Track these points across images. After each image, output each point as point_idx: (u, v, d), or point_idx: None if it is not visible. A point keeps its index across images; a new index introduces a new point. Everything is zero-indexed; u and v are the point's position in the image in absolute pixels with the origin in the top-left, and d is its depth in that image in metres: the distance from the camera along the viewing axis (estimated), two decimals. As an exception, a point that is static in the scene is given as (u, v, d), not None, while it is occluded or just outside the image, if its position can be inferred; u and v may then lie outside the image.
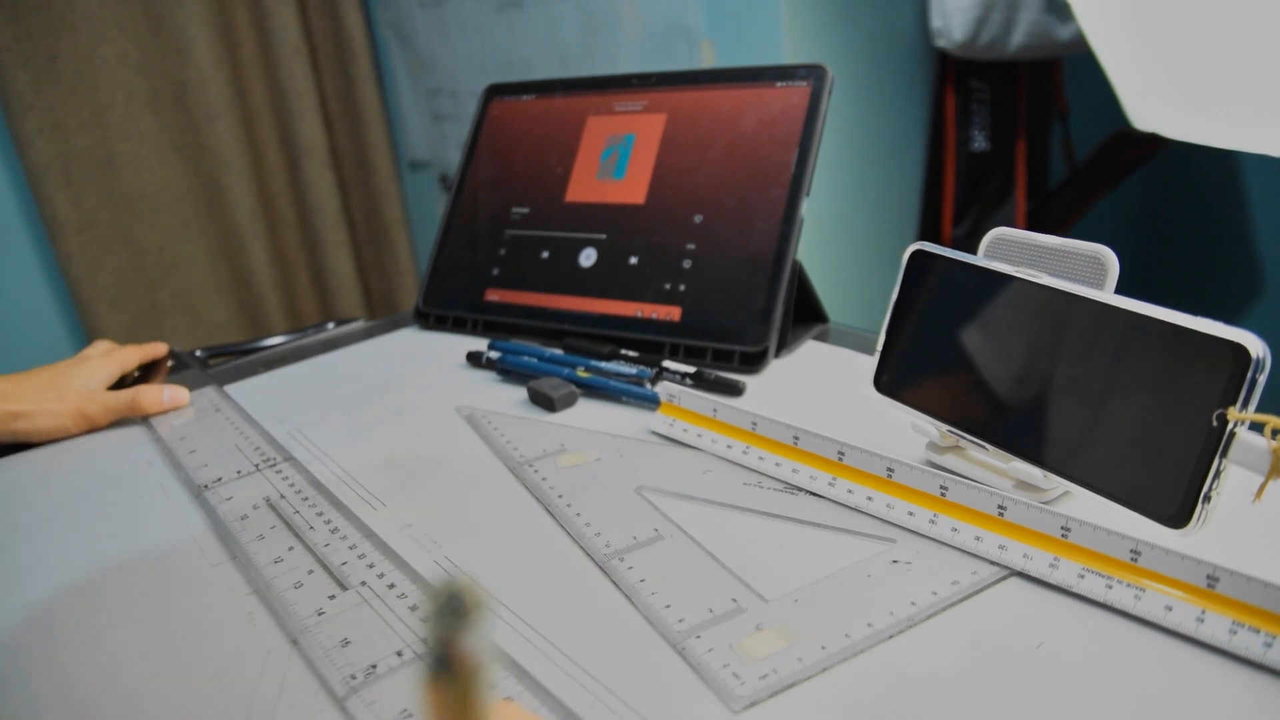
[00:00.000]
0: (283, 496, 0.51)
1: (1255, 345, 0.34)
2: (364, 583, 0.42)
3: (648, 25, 1.28)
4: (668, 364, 0.64)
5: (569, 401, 0.60)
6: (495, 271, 0.78)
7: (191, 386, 0.67)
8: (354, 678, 0.36)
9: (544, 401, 0.60)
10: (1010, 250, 0.44)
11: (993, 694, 0.33)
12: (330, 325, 0.84)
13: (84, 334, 1.62)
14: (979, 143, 1.35)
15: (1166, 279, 1.59)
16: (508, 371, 0.66)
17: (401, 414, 0.62)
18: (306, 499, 0.50)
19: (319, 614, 0.40)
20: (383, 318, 0.86)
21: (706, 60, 1.23)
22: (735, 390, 0.60)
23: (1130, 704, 0.32)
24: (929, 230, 1.41)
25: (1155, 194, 1.57)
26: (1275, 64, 0.72)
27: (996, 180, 1.37)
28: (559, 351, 0.68)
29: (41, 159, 1.50)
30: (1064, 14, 1.18)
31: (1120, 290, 0.40)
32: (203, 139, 1.66)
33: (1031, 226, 1.33)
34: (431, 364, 0.72)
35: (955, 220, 1.37)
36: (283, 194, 1.81)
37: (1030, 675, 0.34)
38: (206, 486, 0.53)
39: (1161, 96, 0.83)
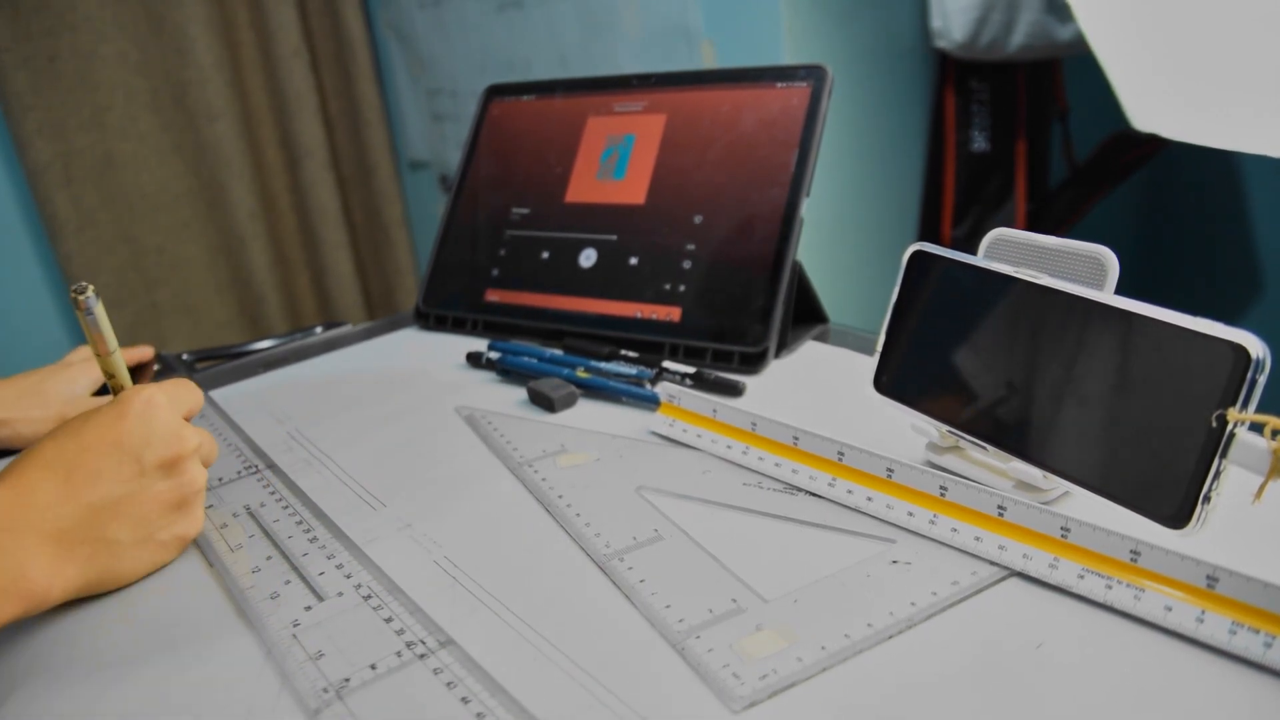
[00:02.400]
0: (263, 505, 0.50)
1: (1255, 345, 0.34)
2: (340, 593, 0.41)
3: (648, 25, 1.28)
4: (667, 364, 0.64)
5: (569, 402, 0.60)
6: (495, 272, 0.78)
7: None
8: (326, 691, 0.35)
9: (544, 402, 0.60)
10: (1010, 251, 0.44)
11: (992, 694, 0.33)
12: (319, 329, 0.83)
13: (84, 334, 1.62)
14: (979, 143, 1.35)
15: (1166, 279, 1.59)
16: (507, 372, 0.66)
17: (401, 414, 0.62)
18: (287, 507, 0.50)
19: (294, 625, 0.39)
20: (383, 318, 0.87)
21: (706, 60, 1.23)
22: (735, 391, 0.60)
23: (1130, 704, 0.32)
24: (929, 231, 1.41)
25: (1155, 194, 1.57)
26: (1275, 64, 0.72)
27: (996, 181, 1.37)
28: (559, 352, 0.68)
29: (41, 159, 1.50)
30: (1064, 14, 1.18)
31: (1120, 291, 0.40)
32: (203, 139, 1.66)
33: (1031, 227, 1.33)
34: (431, 364, 0.72)
35: (955, 221, 1.38)
36: (283, 194, 1.81)
37: (1030, 675, 0.34)
38: None
39: (1161, 97, 0.83)
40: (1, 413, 0.59)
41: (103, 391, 0.66)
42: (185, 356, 0.78)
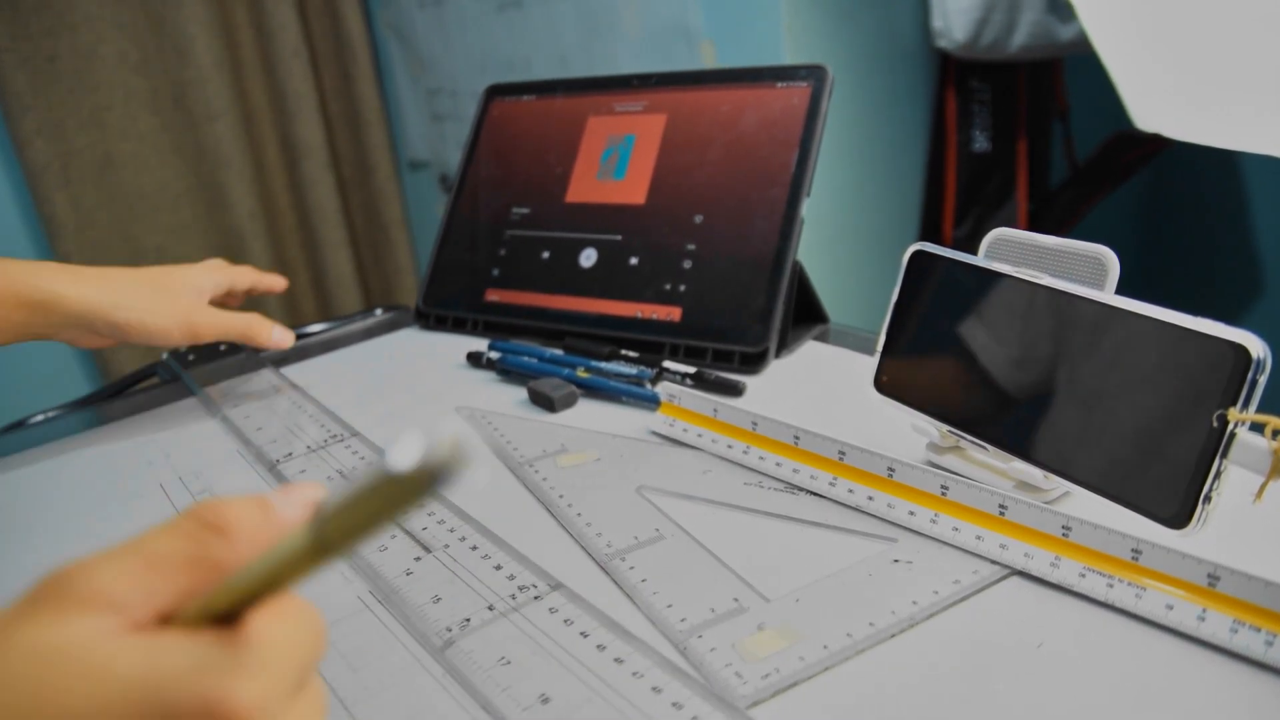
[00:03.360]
0: (354, 469, 0.53)
1: (1255, 345, 0.34)
2: (446, 546, 0.44)
3: (648, 25, 1.28)
4: (668, 364, 0.64)
5: (569, 402, 0.60)
6: (495, 272, 0.78)
7: (246, 370, 0.70)
8: (449, 630, 0.38)
9: (544, 402, 0.60)
10: (1011, 251, 0.44)
11: (994, 693, 0.33)
12: (378, 312, 0.86)
13: (84, 334, 1.62)
14: (980, 143, 1.35)
15: (1166, 279, 1.59)
16: (508, 372, 0.66)
17: (401, 414, 0.62)
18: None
19: (407, 574, 0.42)
20: (382, 318, 0.86)
21: (706, 60, 1.23)
22: (735, 390, 0.60)
23: (1131, 703, 0.32)
24: (929, 231, 1.41)
25: (1155, 194, 1.57)
26: (1276, 64, 0.72)
27: (997, 181, 1.37)
28: (559, 352, 0.68)
29: (40, 159, 1.50)
30: (1065, 14, 1.18)
31: (1120, 290, 0.40)
32: (203, 139, 1.65)
33: (1032, 227, 1.33)
34: (431, 364, 0.72)
35: (956, 221, 1.37)
36: (283, 194, 1.80)
37: (1031, 674, 0.34)
38: (279, 461, 0.55)
39: (1164, 96, 0.83)
40: (127, 299, 0.57)
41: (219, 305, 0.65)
42: (188, 356, 0.78)
